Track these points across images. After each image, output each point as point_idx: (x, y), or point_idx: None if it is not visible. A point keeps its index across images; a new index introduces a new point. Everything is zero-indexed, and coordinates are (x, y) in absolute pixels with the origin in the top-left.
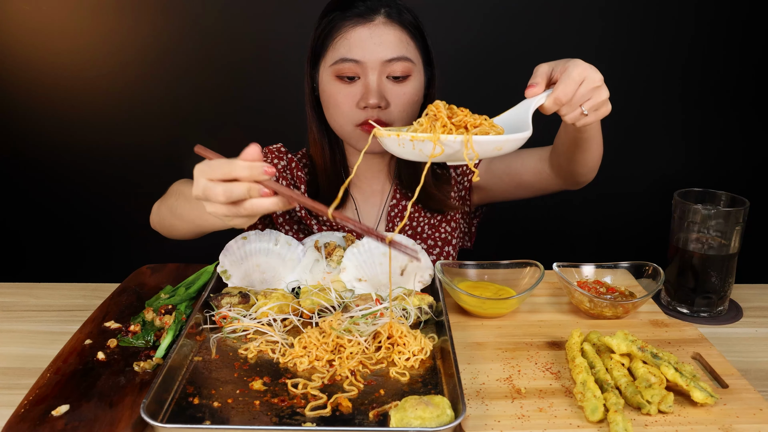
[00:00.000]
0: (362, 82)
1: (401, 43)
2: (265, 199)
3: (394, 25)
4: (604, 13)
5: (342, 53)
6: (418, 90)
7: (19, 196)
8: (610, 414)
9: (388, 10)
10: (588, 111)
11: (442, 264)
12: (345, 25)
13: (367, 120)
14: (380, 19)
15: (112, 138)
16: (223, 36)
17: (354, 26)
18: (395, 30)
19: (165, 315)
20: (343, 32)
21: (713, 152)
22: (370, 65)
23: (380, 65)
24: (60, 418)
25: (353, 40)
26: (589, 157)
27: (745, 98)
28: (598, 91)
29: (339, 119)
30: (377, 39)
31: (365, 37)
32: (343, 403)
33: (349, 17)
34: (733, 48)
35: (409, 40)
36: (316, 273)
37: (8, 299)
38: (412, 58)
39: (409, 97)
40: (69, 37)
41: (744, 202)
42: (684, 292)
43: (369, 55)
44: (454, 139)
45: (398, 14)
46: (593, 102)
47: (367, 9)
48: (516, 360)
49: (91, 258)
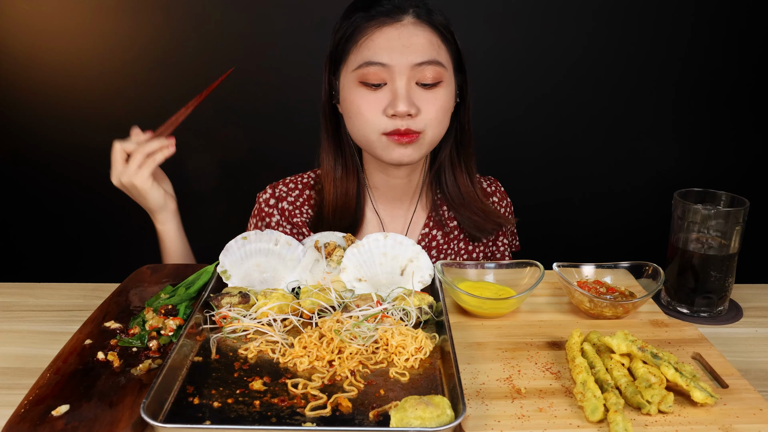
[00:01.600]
0: (389, 88)
1: (432, 46)
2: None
3: (424, 26)
4: (599, 12)
5: (367, 56)
6: (450, 97)
7: (19, 197)
8: (610, 414)
9: (417, 10)
10: None
11: (442, 264)
12: (370, 26)
13: (397, 130)
14: (409, 19)
15: (112, 138)
16: (224, 36)
17: (380, 26)
18: (425, 31)
19: (167, 316)
20: (368, 33)
21: (713, 152)
22: (398, 69)
23: (409, 69)
24: (60, 418)
25: (379, 41)
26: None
27: (745, 98)
28: None
29: (363, 128)
30: (406, 41)
31: (393, 39)
32: (343, 403)
33: (375, 17)
34: (731, 46)
35: (441, 42)
36: (316, 273)
37: (8, 299)
38: (443, 62)
39: (442, 104)
40: (69, 37)
41: (744, 202)
42: (684, 292)
43: (397, 58)
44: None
45: (428, 14)
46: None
47: (395, 8)
48: (516, 360)
49: (90, 258)
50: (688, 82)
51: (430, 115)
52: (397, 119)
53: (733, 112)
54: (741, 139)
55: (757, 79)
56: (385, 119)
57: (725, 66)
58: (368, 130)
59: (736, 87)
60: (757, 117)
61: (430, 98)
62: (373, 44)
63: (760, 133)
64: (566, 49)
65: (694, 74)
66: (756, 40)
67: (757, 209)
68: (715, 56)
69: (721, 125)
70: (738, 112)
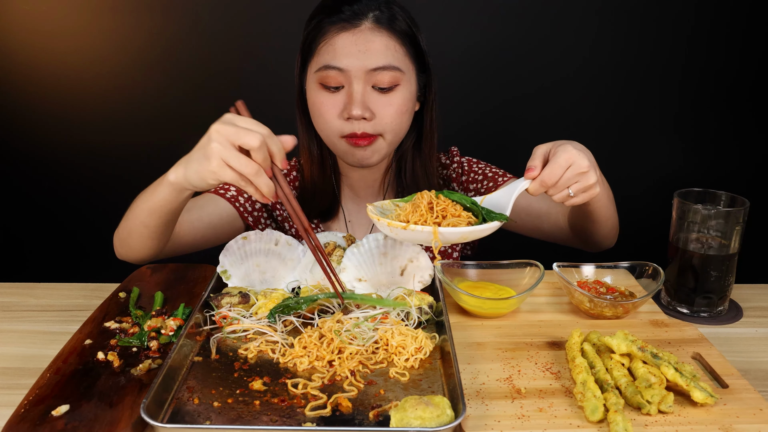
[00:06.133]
0: (346, 92)
1: (388, 51)
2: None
3: (382, 31)
4: (603, 12)
5: (326, 60)
6: (407, 100)
7: (19, 197)
8: (610, 414)
9: (377, 15)
10: (575, 193)
11: (442, 264)
12: (330, 30)
13: (353, 133)
14: (367, 24)
15: (111, 138)
16: (224, 36)
17: (339, 32)
18: (382, 37)
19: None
20: (328, 38)
21: (713, 152)
22: (354, 74)
23: (365, 74)
24: (60, 418)
25: (337, 46)
26: (599, 228)
27: (745, 98)
28: (585, 176)
29: (324, 129)
30: (362, 46)
31: (349, 44)
32: (343, 403)
33: (335, 22)
34: (733, 47)
35: (398, 46)
36: (316, 273)
37: (8, 299)
38: (400, 66)
39: (397, 108)
40: (69, 37)
41: (744, 202)
42: (684, 292)
43: (353, 63)
44: (422, 230)
45: (388, 20)
46: (580, 185)
47: (354, 14)
48: (516, 360)
49: (91, 258)
50: (690, 83)
51: (385, 120)
52: (354, 122)
53: (736, 113)
54: (744, 141)
55: (760, 81)
56: (342, 122)
57: (728, 67)
58: (329, 132)
59: (739, 88)
60: (760, 119)
61: (385, 102)
62: (331, 48)
63: (763, 134)
64: (570, 49)
65: (697, 76)
66: (759, 42)
67: (757, 209)
68: (717, 57)
69: (723, 127)
70: (741, 114)
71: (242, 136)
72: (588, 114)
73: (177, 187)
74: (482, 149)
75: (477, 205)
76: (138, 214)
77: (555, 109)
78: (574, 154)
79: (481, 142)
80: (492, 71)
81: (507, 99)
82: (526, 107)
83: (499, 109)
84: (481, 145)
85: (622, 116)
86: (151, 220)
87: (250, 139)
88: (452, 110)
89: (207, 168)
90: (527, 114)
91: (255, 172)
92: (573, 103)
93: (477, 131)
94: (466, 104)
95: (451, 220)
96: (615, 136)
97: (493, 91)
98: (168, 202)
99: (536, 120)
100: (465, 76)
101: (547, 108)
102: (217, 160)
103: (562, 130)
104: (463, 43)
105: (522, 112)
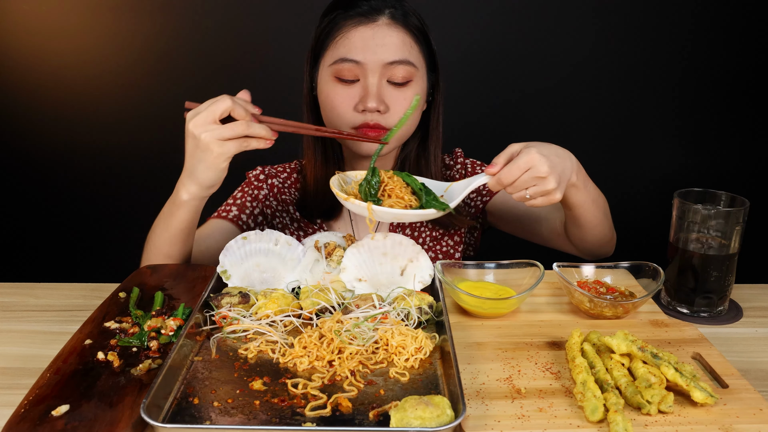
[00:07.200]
0: (361, 85)
1: (404, 46)
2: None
3: (398, 27)
4: (602, 12)
5: (342, 53)
6: (419, 96)
7: (18, 196)
8: (610, 414)
9: (392, 11)
10: (531, 196)
11: (442, 264)
12: (347, 24)
13: (366, 123)
14: (384, 19)
15: (112, 138)
16: (224, 36)
17: (356, 26)
18: (399, 32)
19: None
20: (345, 31)
21: (713, 152)
22: (370, 67)
23: (381, 68)
24: (60, 418)
25: (354, 40)
26: (585, 233)
27: (745, 98)
28: (543, 180)
29: (336, 121)
30: (379, 40)
31: (367, 38)
32: (343, 403)
33: (352, 16)
34: (732, 47)
35: (413, 43)
36: (316, 273)
37: (8, 299)
38: (414, 62)
39: (410, 103)
40: (68, 37)
41: (744, 202)
42: (684, 292)
43: (370, 56)
44: (359, 204)
45: (403, 16)
46: (537, 189)
47: (371, 9)
48: (516, 360)
49: (91, 258)
50: (690, 83)
51: (398, 113)
52: (367, 114)
53: (736, 113)
54: (744, 141)
55: (760, 81)
56: (356, 114)
57: (728, 67)
58: (341, 123)
59: (739, 88)
60: (760, 119)
61: (399, 96)
62: (348, 42)
63: (763, 134)
64: (570, 49)
65: (697, 76)
66: (759, 43)
67: (757, 209)
68: (717, 57)
69: (723, 127)
70: (741, 114)
71: (214, 109)
72: (588, 114)
73: (193, 202)
74: (482, 149)
75: (422, 191)
76: (160, 248)
77: (555, 109)
78: (536, 159)
79: (481, 142)
80: (492, 71)
81: (507, 99)
82: (526, 107)
83: (499, 110)
84: (481, 145)
85: (622, 116)
86: (174, 249)
87: (221, 105)
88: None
89: (211, 157)
90: (527, 114)
91: (247, 126)
92: (573, 103)
93: (477, 131)
94: (466, 104)
95: (390, 201)
96: (615, 135)
97: (494, 92)
98: (187, 222)
99: (536, 120)
100: (465, 76)
101: (547, 108)
102: (214, 144)
103: (562, 130)
104: (463, 43)
105: (522, 113)
